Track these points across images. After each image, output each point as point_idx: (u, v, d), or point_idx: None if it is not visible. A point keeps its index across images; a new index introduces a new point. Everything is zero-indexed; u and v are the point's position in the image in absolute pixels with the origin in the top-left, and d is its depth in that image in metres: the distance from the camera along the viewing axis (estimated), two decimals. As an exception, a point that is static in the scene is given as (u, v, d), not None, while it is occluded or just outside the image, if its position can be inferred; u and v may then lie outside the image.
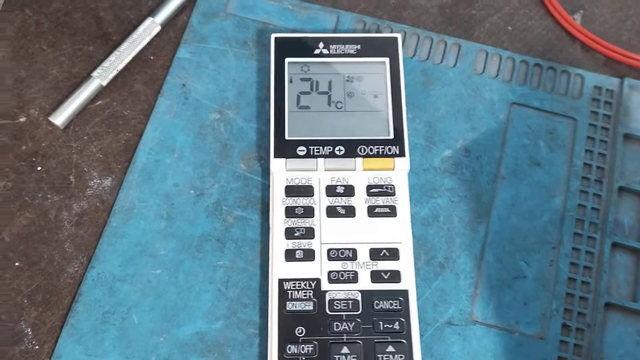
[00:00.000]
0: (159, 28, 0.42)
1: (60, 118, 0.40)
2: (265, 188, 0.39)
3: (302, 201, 0.37)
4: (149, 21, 0.42)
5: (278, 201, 0.37)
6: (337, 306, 0.34)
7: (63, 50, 0.42)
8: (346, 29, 0.42)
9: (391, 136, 0.37)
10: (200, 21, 0.43)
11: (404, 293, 0.35)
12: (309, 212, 0.36)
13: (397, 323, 0.34)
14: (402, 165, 0.37)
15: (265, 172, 0.39)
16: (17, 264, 0.37)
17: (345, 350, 0.34)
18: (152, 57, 0.42)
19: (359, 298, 0.35)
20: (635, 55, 0.42)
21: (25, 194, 0.39)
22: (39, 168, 0.39)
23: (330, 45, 0.39)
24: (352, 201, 0.37)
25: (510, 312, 0.36)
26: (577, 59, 0.43)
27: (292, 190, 0.37)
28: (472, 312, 0.36)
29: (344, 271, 0.35)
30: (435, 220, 0.38)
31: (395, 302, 0.35)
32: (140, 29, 0.42)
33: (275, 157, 0.37)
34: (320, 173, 0.37)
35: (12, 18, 0.43)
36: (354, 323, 0.34)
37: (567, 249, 0.38)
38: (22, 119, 0.40)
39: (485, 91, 0.41)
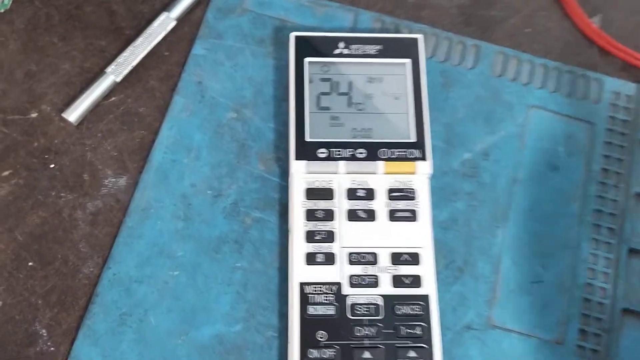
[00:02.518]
0: (174, 23, 0.41)
1: (73, 114, 0.39)
2: (283, 189, 0.38)
3: (322, 204, 0.36)
4: (163, 16, 0.41)
5: (298, 204, 0.36)
6: (358, 311, 0.34)
7: (75, 45, 0.41)
8: (364, 27, 0.42)
9: (413, 139, 0.37)
10: (216, 17, 0.42)
11: (425, 298, 0.35)
12: (329, 215, 0.36)
13: (418, 328, 0.34)
14: (424, 169, 0.37)
15: (283, 173, 0.39)
16: (30, 263, 0.37)
17: (367, 355, 0.34)
18: (166, 53, 0.41)
19: (381, 303, 0.35)
20: (652, 61, 0.42)
21: (37, 192, 0.38)
22: (51, 165, 0.39)
23: (351, 45, 0.39)
24: (373, 205, 0.36)
25: (528, 316, 0.37)
26: (595, 62, 0.43)
27: (312, 193, 0.36)
28: (490, 317, 0.37)
29: (365, 275, 0.35)
30: (454, 224, 0.38)
31: (417, 307, 0.35)
32: (155, 23, 0.41)
33: (296, 159, 0.37)
34: (341, 176, 0.37)
35: (22, 10, 0.42)
36: (375, 328, 0.34)
37: (584, 254, 0.38)
38: (34, 115, 0.40)
39: (504, 94, 0.41)
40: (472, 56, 0.42)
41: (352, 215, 0.36)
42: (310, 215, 0.36)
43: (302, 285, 0.35)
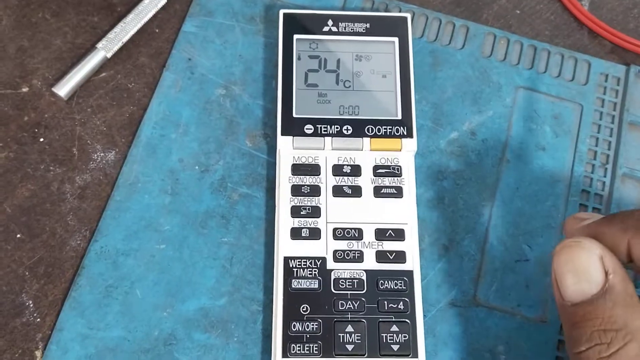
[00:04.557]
0: (164, 0, 0.41)
1: (64, 89, 0.39)
2: (271, 166, 0.39)
3: (308, 180, 0.36)
4: (155, -7, 0.41)
5: (284, 179, 0.36)
6: (342, 285, 0.35)
7: (67, 20, 0.41)
8: (354, 7, 0.42)
9: (399, 117, 0.37)
10: (207, -5, 0.42)
11: (409, 273, 0.35)
12: (315, 191, 0.36)
13: (401, 303, 0.34)
14: (410, 146, 0.37)
15: (271, 150, 0.39)
16: (18, 235, 0.37)
17: (349, 328, 0.34)
18: (157, 30, 0.41)
19: (364, 277, 0.35)
20: (642, 43, 0.42)
21: (27, 165, 0.38)
22: (41, 139, 0.39)
23: (340, 23, 0.39)
24: (359, 181, 0.37)
25: (512, 294, 0.37)
26: (584, 44, 0.43)
27: (298, 169, 0.37)
28: (475, 294, 0.37)
29: (350, 250, 0.35)
30: (441, 202, 0.38)
31: (400, 282, 0.35)
32: (146, 0, 0.41)
33: (282, 134, 0.37)
34: (327, 152, 0.37)
35: (15, -14, 0.42)
36: (358, 302, 0.34)
37: (569, 233, 0.38)
38: (25, 89, 0.40)
39: (492, 74, 0.41)
40: (462, 37, 0.42)
41: (338, 191, 0.36)
42: (296, 190, 0.36)
43: (287, 259, 0.35)
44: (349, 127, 0.37)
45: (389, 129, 0.37)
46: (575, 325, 0.27)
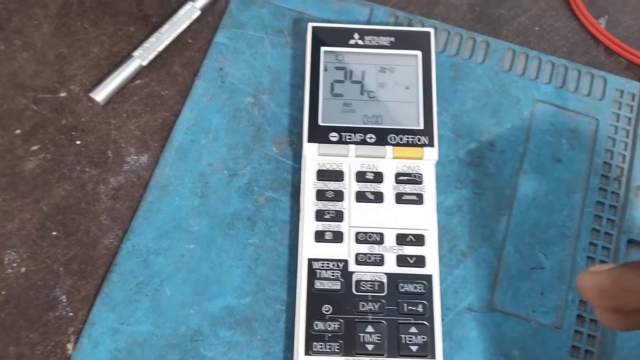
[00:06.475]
0: (198, 12, 0.43)
1: (101, 94, 0.41)
2: (296, 171, 0.40)
3: (332, 185, 0.38)
4: (189, 5, 0.43)
5: (309, 184, 0.38)
6: (363, 287, 0.36)
7: (104, 30, 0.44)
8: (379, 21, 0.44)
9: (421, 126, 0.39)
10: (239, 8, 0.44)
11: (428, 277, 0.36)
12: (339, 196, 0.38)
13: (420, 306, 0.36)
14: (431, 155, 0.38)
15: (296, 156, 0.40)
16: (54, 233, 0.39)
17: (370, 329, 0.35)
18: (190, 41, 0.43)
19: (385, 280, 0.36)
20: (657, 61, 0.43)
21: (63, 166, 0.40)
22: (77, 142, 0.41)
23: (365, 37, 0.41)
24: (381, 187, 0.38)
25: (527, 301, 0.38)
26: (601, 61, 0.44)
27: (323, 175, 0.38)
28: (491, 300, 0.38)
29: (371, 254, 0.37)
30: (459, 210, 0.40)
31: (420, 286, 0.36)
32: (181, 12, 0.43)
33: (308, 141, 0.38)
34: (351, 159, 0.38)
35: (56, -4, 0.44)
36: (379, 304, 0.36)
37: (584, 243, 0.39)
38: (63, 94, 0.42)
39: (511, 88, 0.42)
40: (482, 51, 0.43)
41: (361, 197, 0.38)
42: (321, 195, 0.38)
43: (311, 261, 0.36)
44: (373, 136, 0.39)
45: (411, 138, 0.39)
46: None
